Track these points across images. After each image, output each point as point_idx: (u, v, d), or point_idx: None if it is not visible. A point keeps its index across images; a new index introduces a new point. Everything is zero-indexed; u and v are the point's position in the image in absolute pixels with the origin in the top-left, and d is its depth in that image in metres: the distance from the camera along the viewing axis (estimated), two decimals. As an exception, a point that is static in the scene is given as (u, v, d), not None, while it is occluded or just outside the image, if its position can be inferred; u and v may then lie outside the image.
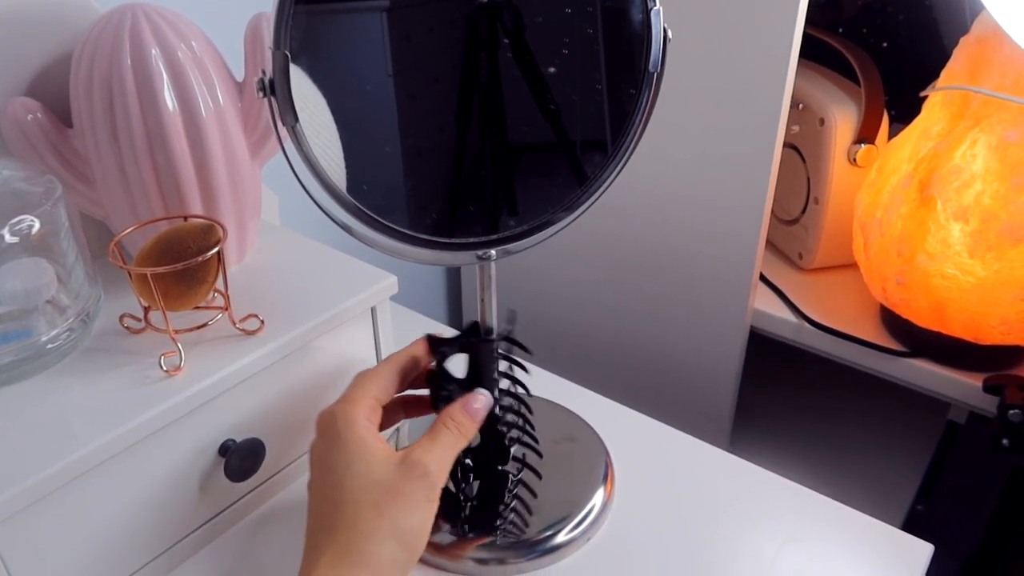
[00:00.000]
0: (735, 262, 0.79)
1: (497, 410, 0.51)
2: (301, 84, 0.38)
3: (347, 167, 0.42)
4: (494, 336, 0.49)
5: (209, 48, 0.52)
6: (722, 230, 0.78)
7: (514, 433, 0.54)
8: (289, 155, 0.40)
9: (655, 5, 0.42)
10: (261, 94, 0.38)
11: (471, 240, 0.45)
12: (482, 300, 0.49)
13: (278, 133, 0.39)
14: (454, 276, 1.08)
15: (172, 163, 0.50)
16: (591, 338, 0.94)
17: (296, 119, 0.37)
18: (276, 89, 0.37)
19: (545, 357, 0.70)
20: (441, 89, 0.43)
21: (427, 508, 0.41)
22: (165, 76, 0.49)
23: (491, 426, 0.51)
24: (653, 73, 0.44)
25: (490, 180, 0.46)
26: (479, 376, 0.49)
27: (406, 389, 0.48)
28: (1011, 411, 0.62)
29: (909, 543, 0.52)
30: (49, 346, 0.47)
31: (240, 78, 0.55)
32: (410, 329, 0.71)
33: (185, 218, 0.51)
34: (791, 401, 1.01)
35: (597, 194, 0.46)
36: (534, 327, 0.98)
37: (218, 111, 0.52)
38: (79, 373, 0.48)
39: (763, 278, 0.85)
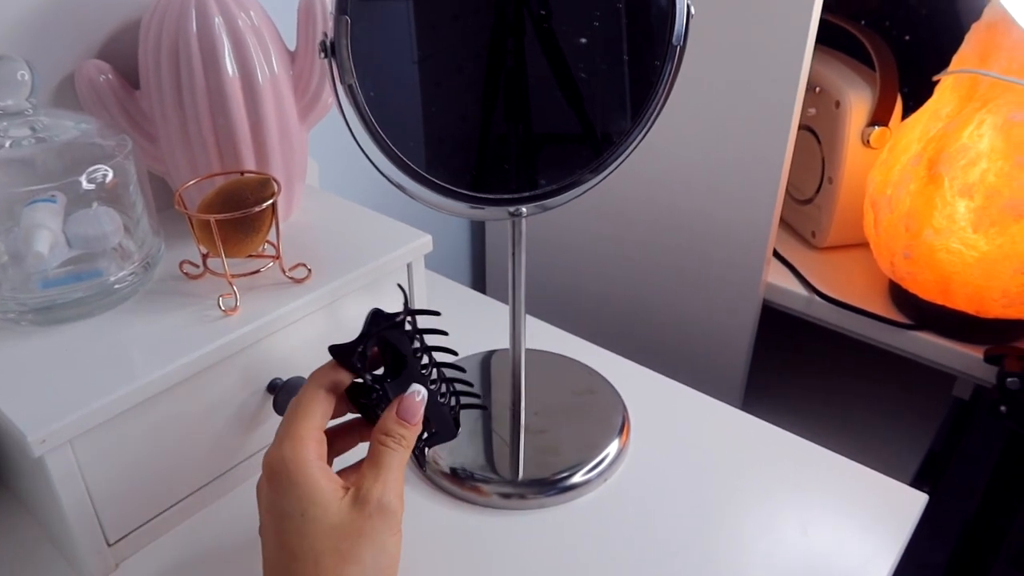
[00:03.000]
0: (749, 239, 0.83)
1: (434, 386, 0.47)
2: (355, 48, 0.43)
3: (394, 126, 0.46)
4: (399, 316, 0.45)
5: (265, 18, 0.56)
6: (738, 208, 0.82)
7: (452, 401, 0.49)
8: (346, 113, 0.44)
9: (680, -18, 0.45)
10: (323, 55, 0.42)
11: (505, 196, 0.49)
12: (513, 255, 0.53)
13: (336, 93, 0.43)
14: (478, 242, 1.12)
15: (230, 124, 0.55)
16: (613, 307, 0.98)
17: (354, 78, 0.42)
18: (337, 51, 0.41)
19: (570, 322, 0.74)
20: (475, 67, 0.47)
21: (393, 541, 0.40)
22: (227, 43, 0.53)
23: (434, 407, 0.46)
24: (676, 46, 0.47)
25: (523, 142, 0.50)
26: (399, 363, 0.45)
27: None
28: (1009, 379, 0.65)
29: (906, 493, 0.55)
30: (116, 286, 0.52)
31: (292, 47, 0.59)
32: (438, 294, 0.75)
33: (241, 173, 0.55)
34: (800, 373, 1.04)
35: (621, 158, 0.50)
36: (561, 295, 1.02)
37: (273, 77, 0.56)
38: (143, 312, 0.52)
39: (776, 254, 0.88)
